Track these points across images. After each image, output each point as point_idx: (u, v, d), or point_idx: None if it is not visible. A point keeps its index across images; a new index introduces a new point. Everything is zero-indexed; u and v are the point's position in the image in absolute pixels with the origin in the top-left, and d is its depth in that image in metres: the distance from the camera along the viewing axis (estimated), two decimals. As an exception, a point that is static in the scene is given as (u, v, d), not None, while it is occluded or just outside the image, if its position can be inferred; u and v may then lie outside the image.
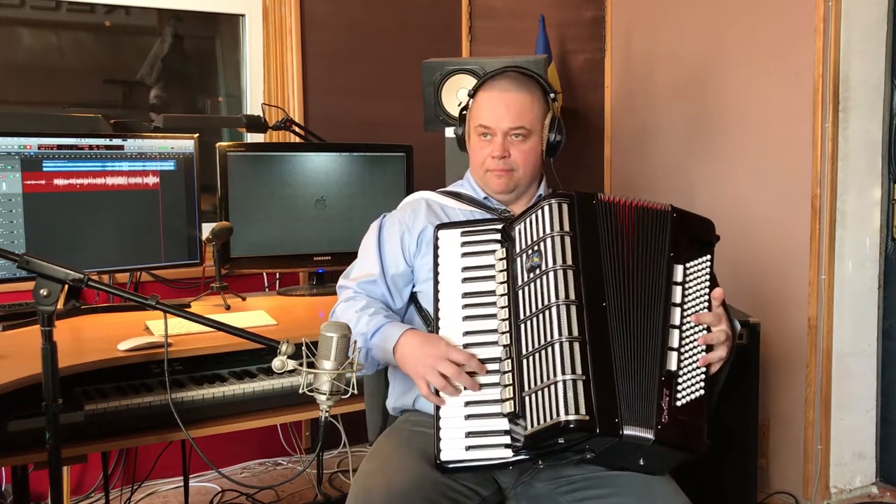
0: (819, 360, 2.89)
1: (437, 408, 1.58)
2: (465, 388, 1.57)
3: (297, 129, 2.97)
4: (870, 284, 2.94)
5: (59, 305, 1.75)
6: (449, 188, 1.96)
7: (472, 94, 1.85)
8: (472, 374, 1.57)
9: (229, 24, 3.26)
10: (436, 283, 1.68)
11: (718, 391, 1.65)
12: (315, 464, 3.05)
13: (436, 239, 1.71)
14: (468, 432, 1.55)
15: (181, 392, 2.01)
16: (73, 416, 1.85)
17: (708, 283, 1.63)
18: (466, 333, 1.62)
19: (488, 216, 1.82)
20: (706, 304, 1.61)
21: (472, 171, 1.89)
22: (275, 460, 3.28)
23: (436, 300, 1.67)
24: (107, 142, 2.42)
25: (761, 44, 3.05)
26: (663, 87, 3.53)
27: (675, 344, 1.55)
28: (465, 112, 1.88)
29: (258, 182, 2.69)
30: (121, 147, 2.44)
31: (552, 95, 1.83)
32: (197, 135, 2.58)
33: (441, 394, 1.57)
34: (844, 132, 2.84)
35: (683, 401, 1.52)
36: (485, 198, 1.88)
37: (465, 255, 1.68)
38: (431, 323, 1.72)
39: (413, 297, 1.87)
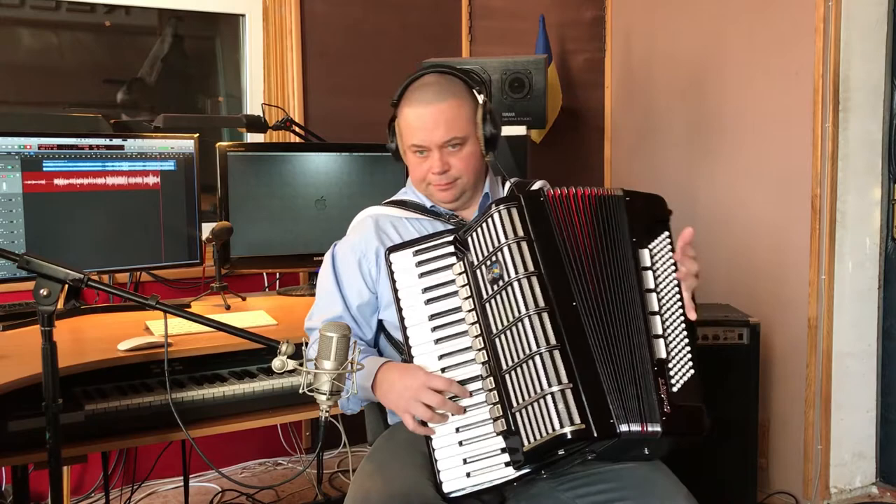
0: (819, 360, 2.88)
1: (429, 439, 1.55)
2: (451, 414, 1.54)
3: (297, 129, 2.97)
4: (870, 284, 2.94)
5: (59, 305, 1.75)
6: (395, 198, 1.89)
7: (396, 103, 1.76)
8: (455, 398, 1.54)
9: (229, 24, 3.26)
10: (399, 309, 1.62)
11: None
12: (315, 464, 3.05)
13: (389, 264, 1.65)
14: (465, 459, 1.52)
15: (181, 392, 2.01)
16: (73, 416, 1.85)
17: (673, 262, 1.62)
18: (442, 356, 1.58)
19: (439, 228, 1.76)
20: (676, 281, 1.60)
21: (414, 184, 1.81)
22: (275, 460, 3.27)
23: (403, 327, 1.61)
24: (107, 142, 2.42)
25: (761, 44, 3.05)
26: (663, 87, 3.53)
27: (660, 331, 1.54)
28: (393, 123, 1.79)
29: (258, 182, 2.69)
30: (121, 147, 2.44)
31: (476, 88, 1.74)
32: (197, 135, 2.58)
33: (429, 424, 1.54)
34: (844, 132, 2.84)
35: (679, 385, 1.52)
36: (432, 206, 1.81)
37: (422, 274, 1.62)
38: (403, 350, 1.66)
39: (381, 325, 1.81)
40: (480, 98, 1.75)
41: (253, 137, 3.01)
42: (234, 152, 2.66)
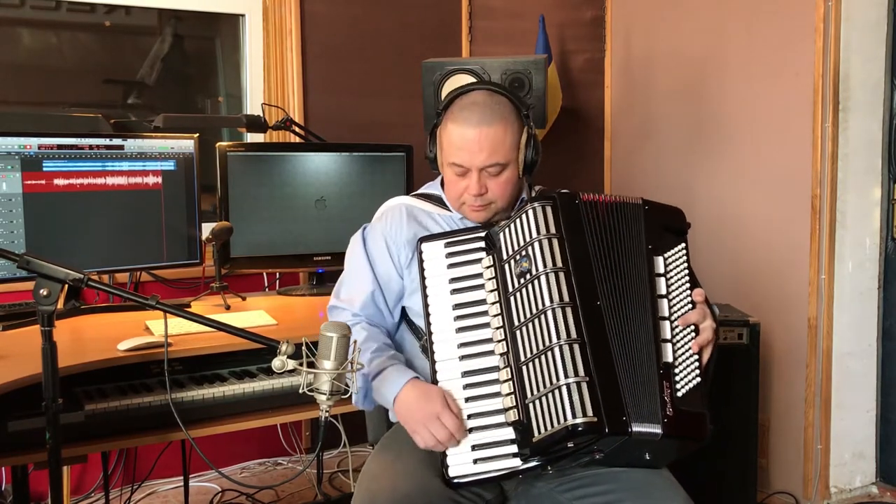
0: (819, 360, 2.89)
1: None
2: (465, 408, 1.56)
3: (297, 129, 2.97)
4: (870, 284, 2.94)
5: (59, 305, 1.75)
6: (423, 191, 1.90)
7: (441, 113, 1.75)
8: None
9: (229, 24, 3.26)
10: (424, 296, 1.66)
11: (711, 374, 1.65)
12: (315, 464, 3.05)
13: (420, 252, 1.69)
14: (473, 445, 1.55)
15: (181, 392, 2.01)
16: (73, 416, 1.85)
17: (687, 272, 1.66)
18: (462, 345, 1.61)
19: (467, 224, 1.79)
20: (688, 291, 1.63)
21: (449, 199, 1.81)
22: (275, 460, 3.28)
23: (426, 315, 1.65)
24: (107, 142, 2.42)
25: (761, 44, 3.05)
26: (663, 87, 3.53)
27: (668, 335, 1.57)
28: (436, 130, 1.78)
29: (258, 182, 2.69)
30: (121, 147, 2.44)
31: (525, 112, 1.74)
32: (197, 135, 2.58)
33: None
34: (844, 132, 2.84)
35: (683, 391, 1.54)
36: (461, 217, 1.82)
37: (451, 265, 1.67)
38: (423, 338, 1.71)
39: (403, 313, 1.83)
40: (526, 123, 1.75)
41: (253, 137, 3.01)
42: (234, 152, 2.66)
